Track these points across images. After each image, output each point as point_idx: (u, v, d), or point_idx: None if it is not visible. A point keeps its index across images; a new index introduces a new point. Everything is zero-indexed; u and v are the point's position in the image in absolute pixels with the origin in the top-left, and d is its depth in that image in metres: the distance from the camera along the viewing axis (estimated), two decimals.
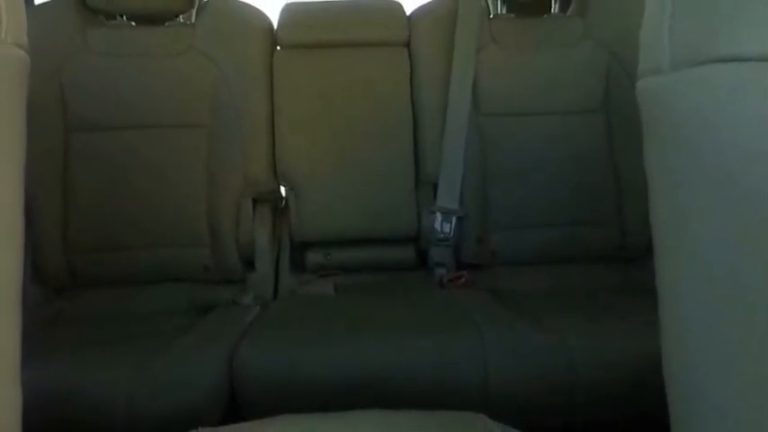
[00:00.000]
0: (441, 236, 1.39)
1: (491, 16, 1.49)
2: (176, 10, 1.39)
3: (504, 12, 1.49)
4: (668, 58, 0.37)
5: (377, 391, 0.93)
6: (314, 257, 1.47)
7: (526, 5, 1.48)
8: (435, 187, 1.41)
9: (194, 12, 1.42)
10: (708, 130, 0.34)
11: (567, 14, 1.52)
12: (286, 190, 1.47)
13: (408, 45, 1.49)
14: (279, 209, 1.51)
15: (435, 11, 1.48)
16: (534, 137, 1.41)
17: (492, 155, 1.41)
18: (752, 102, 0.32)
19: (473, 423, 0.59)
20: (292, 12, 1.49)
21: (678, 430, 0.39)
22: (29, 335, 0.42)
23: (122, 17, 1.42)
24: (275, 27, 1.48)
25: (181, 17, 1.41)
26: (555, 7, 1.51)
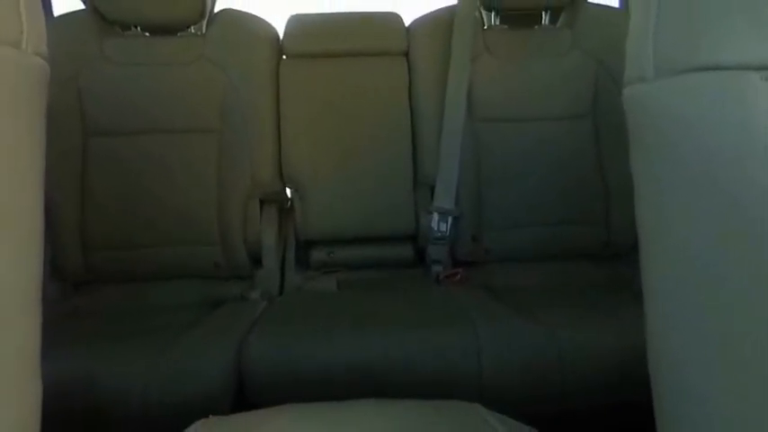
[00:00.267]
0: (437, 234, 1.39)
1: (485, 27, 1.49)
2: (188, 21, 1.39)
3: (497, 23, 1.49)
4: (652, 67, 0.37)
5: (377, 382, 0.93)
6: (318, 255, 1.47)
7: (518, 17, 1.48)
8: (432, 189, 1.41)
9: (205, 23, 1.42)
10: (690, 137, 0.34)
11: (557, 26, 1.52)
12: (291, 191, 1.47)
13: (407, 54, 1.49)
14: (285, 209, 1.51)
15: (432, 22, 1.48)
16: (526, 141, 1.41)
17: (486, 158, 1.41)
18: (731, 109, 0.32)
19: (468, 411, 0.59)
20: (298, 23, 1.49)
21: (663, 420, 0.39)
22: (48, 328, 0.41)
23: (137, 28, 1.42)
24: (281, 37, 1.48)
25: (192, 28, 1.41)
26: (545, 19, 1.51)
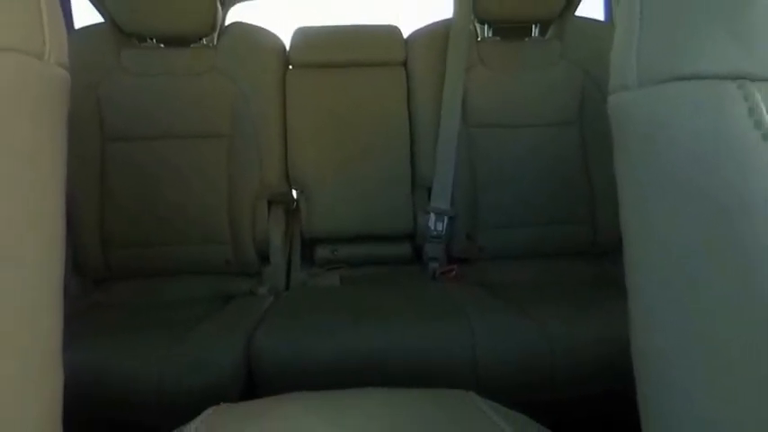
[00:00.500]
0: (434, 233, 1.39)
1: (479, 39, 1.50)
2: (200, 33, 1.39)
3: (490, 35, 1.50)
4: (636, 76, 0.37)
5: (378, 372, 0.93)
6: (322, 253, 1.47)
7: (510, 30, 1.49)
8: (429, 190, 1.41)
9: (216, 35, 1.42)
10: (672, 143, 0.34)
11: (546, 38, 1.52)
12: (297, 193, 1.47)
13: (405, 65, 1.49)
14: (291, 210, 1.51)
15: (429, 35, 1.48)
16: (517, 146, 1.41)
17: (480, 162, 1.41)
18: (710, 117, 0.32)
19: (463, 399, 0.59)
20: (303, 35, 1.50)
21: (645, 407, 0.39)
22: (70, 322, 0.41)
23: (153, 40, 1.43)
24: (288, 48, 1.49)
25: (204, 40, 1.42)
26: (535, 31, 1.52)
